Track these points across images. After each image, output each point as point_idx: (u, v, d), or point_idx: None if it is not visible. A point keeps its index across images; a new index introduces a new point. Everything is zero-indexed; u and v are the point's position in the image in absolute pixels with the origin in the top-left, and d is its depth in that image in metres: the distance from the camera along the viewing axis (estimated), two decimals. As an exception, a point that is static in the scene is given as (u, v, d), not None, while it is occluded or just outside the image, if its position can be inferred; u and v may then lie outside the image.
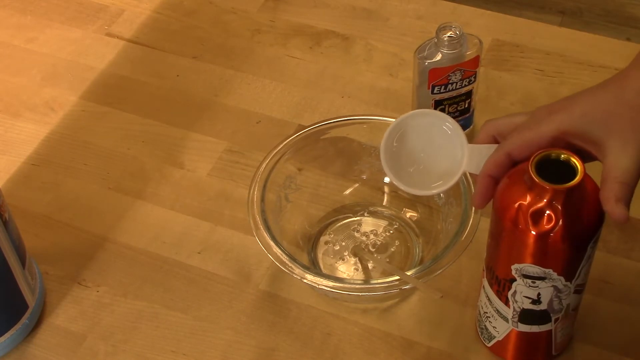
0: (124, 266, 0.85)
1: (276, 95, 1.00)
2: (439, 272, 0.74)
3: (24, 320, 0.78)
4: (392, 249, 0.84)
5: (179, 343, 0.79)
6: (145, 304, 0.82)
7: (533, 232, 0.63)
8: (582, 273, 0.66)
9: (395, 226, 0.86)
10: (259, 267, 0.84)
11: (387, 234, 0.85)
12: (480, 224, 0.76)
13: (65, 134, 0.98)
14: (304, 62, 1.04)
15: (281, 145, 0.83)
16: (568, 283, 0.66)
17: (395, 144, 0.70)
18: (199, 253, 0.86)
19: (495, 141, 0.68)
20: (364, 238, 0.85)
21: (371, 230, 0.85)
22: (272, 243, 0.76)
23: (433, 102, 0.89)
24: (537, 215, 0.62)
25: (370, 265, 0.83)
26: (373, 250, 0.84)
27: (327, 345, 0.78)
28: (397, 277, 0.75)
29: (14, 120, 1.00)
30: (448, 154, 0.69)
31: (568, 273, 0.66)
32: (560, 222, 0.62)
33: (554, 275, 0.65)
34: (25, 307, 0.79)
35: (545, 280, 0.66)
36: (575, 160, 0.62)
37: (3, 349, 0.78)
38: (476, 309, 0.76)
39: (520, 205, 0.63)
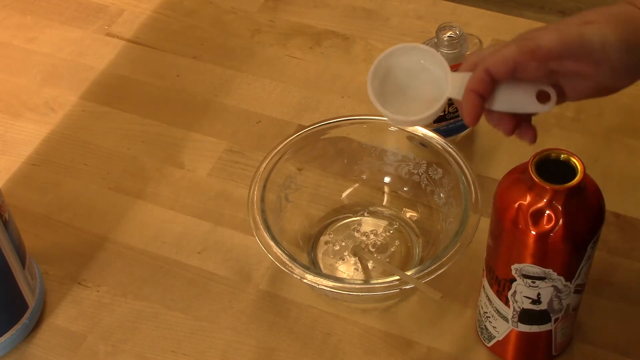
0: (124, 266, 0.85)
1: (276, 95, 1.00)
2: (439, 272, 0.74)
3: (24, 320, 0.78)
4: (392, 249, 0.84)
5: (179, 343, 0.79)
6: (145, 304, 0.82)
7: (533, 232, 0.63)
8: (582, 273, 0.66)
9: (395, 226, 0.86)
10: (259, 267, 0.84)
11: (387, 234, 0.85)
12: (480, 224, 0.76)
13: (65, 134, 0.98)
14: (304, 62, 1.04)
15: (281, 145, 0.83)
16: (568, 283, 0.66)
17: (380, 83, 0.68)
18: (199, 253, 0.86)
19: (491, 80, 0.65)
20: (364, 238, 0.85)
21: (371, 230, 0.85)
22: (272, 243, 0.76)
23: (433, 102, 0.89)
24: (537, 215, 0.62)
25: (370, 265, 0.83)
26: (373, 250, 0.84)
27: (327, 345, 0.78)
28: (397, 277, 0.75)
29: (14, 120, 1.00)
30: (433, 86, 0.67)
31: (568, 273, 0.66)
32: (560, 222, 0.62)
33: (554, 275, 0.65)
34: (25, 307, 0.79)
35: (545, 280, 0.66)
36: (576, 160, 0.62)
37: (3, 349, 0.78)
38: (476, 309, 0.76)
39: (520, 205, 0.63)
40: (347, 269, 0.83)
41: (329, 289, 0.74)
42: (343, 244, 0.84)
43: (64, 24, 1.11)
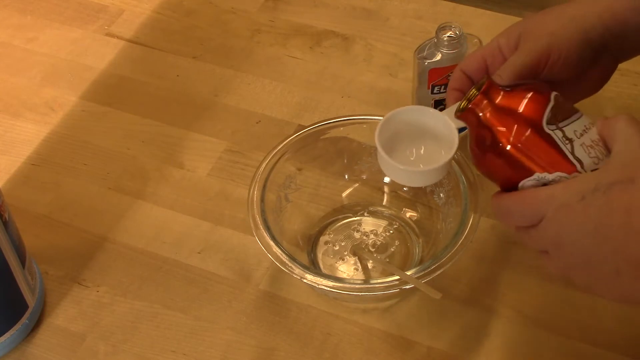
0: (124, 266, 0.85)
1: (276, 95, 1.00)
2: (438, 272, 0.74)
3: (24, 320, 0.79)
4: (392, 249, 0.84)
5: (179, 343, 0.79)
6: (145, 303, 0.82)
7: (490, 154, 0.63)
8: (576, 159, 0.62)
9: (395, 226, 0.86)
10: (259, 267, 0.84)
11: (387, 233, 0.85)
12: (480, 224, 0.76)
13: (65, 134, 0.98)
14: (304, 62, 1.04)
15: (281, 145, 0.83)
16: (563, 174, 0.62)
17: (388, 143, 0.71)
18: (198, 253, 0.86)
19: (467, 77, 0.72)
20: (364, 238, 0.85)
21: (371, 230, 0.85)
22: (272, 243, 0.76)
23: (433, 102, 0.89)
24: (485, 137, 0.63)
25: (370, 265, 0.83)
26: (373, 250, 0.84)
27: (327, 345, 0.78)
28: (397, 277, 0.75)
29: (14, 120, 1.00)
30: (438, 135, 0.70)
31: (554, 165, 0.62)
32: (500, 126, 0.62)
33: (547, 176, 0.62)
34: (25, 307, 0.79)
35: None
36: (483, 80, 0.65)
37: (3, 349, 0.78)
38: None
39: (474, 139, 0.64)
40: (347, 269, 0.83)
41: (329, 289, 0.74)
42: (343, 244, 0.84)
43: (64, 24, 1.11)
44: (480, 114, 0.64)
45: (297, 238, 0.84)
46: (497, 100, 0.63)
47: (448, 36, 0.85)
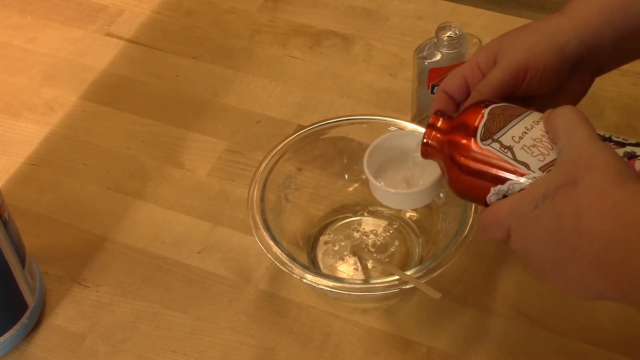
0: (124, 266, 0.85)
1: (276, 95, 1.00)
2: (438, 271, 0.74)
3: (24, 320, 0.79)
4: (392, 249, 0.84)
5: (179, 343, 0.79)
6: (145, 303, 0.82)
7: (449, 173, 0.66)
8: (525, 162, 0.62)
9: (395, 226, 0.86)
10: (259, 267, 0.84)
11: (387, 233, 0.85)
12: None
13: (65, 134, 0.98)
14: (303, 62, 1.04)
15: (281, 145, 0.83)
16: (521, 178, 0.62)
17: (378, 173, 0.75)
18: (198, 253, 0.86)
19: (449, 97, 0.73)
20: (364, 238, 0.85)
21: (371, 230, 0.85)
22: (271, 243, 0.76)
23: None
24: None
25: (369, 265, 0.83)
26: (373, 250, 0.84)
27: (327, 345, 0.78)
28: (397, 277, 0.75)
29: (14, 120, 1.00)
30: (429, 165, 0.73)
31: (502, 175, 0.62)
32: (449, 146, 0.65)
33: (502, 187, 0.63)
34: (25, 307, 0.79)
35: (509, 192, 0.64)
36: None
37: (3, 349, 0.78)
38: None
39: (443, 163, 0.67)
40: (347, 269, 0.83)
41: (329, 289, 0.74)
42: (343, 244, 0.84)
43: (64, 24, 1.11)
44: (433, 146, 0.68)
45: (297, 238, 0.84)
46: (441, 130, 0.67)
47: (448, 36, 0.85)
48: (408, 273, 0.74)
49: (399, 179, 0.75)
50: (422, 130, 0.73)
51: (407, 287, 0.74)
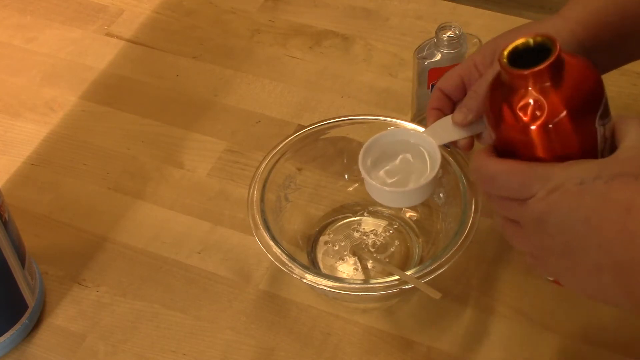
0: (124, 266, 0.85)
1: (276, 95, 1.00)
2: (438, 272, 0.74)
3: (24, 320, 0.79)
4: (392, 249, 0.84)
5: (179, 343, 0.79)
6: (145, 303, 0.82)
7: (532, 127, 0.57)
8: (603, 157, 0.59)
9: (395, 226, 0.86)
10: (259, 267, 0.84)
11: (387, 233, 0.85)
12: (480, 224, 0.76)
13: (65, 134, 0.98)
14: (303, 62, 1.04)
15: (281, 145, 0.83)
16: None
17: (373, 166, 0.74)
18: (198, 253, 0.86)
19: (445, 96, 0.73)
20: (363, 238, 0.85)
21: (371, 230, 0.85)
22: (271, 243, 0.76)
23: (433, 102, 0.89)
24: (527, 108, 0.57)
25: (369, 265, 0.83)
26: (373, 250, 0.84)
27: (327, 345, 0.78)
28: (397, 277, 0.75)
29: (14, 120, 1.00)
30: (421, 154, 0.73)
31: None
32: (552, 106, 0.57)
33: None
34: (25, 307, 0.79)
35: None
36: (549, 40, 0.58)
37: (3, 349, 0.78)
38: None
39: (507, 104, 0.58)
40: (347, 269, 0.83)
41: (328, 289, 0.74)
42: (343, 244, 0.84)
43: (64, 24, 1.11)
44: (552, 76, 0.57)
45: (297, 238, 0.84)
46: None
47: (448, 36, 0.85)
48: (408, 273, 0.74)
49: (394, 176, 0.75)
50: (421, 129, 0.74)
51: (407, 287, 0.74)
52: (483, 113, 0.64)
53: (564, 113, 0.57)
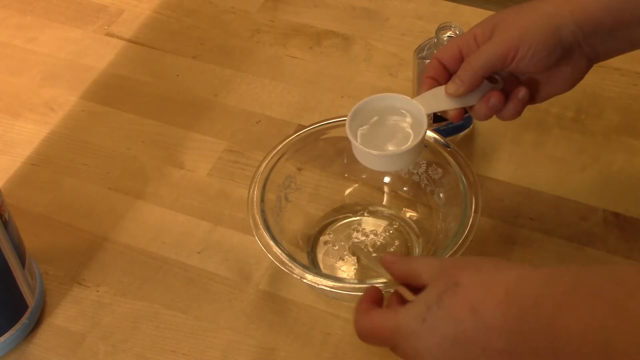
0: (124, 266, 0.85)
1: (276, 95, 1.00)
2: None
3: (24, 320, 0.79)
4: (392, 249, 0.84)
5: (179, 343, 0.79)
6: (145, 303, 0.82)
7: None
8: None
9: (395, 226, 0.86)
10: (259, 267, 0.84)
11: (387, 233, 0.85)
12: (480, 224, 0.76)
13: (65, 134, 0.98)
14: (303, 62, 1.04)
15: (281, 145, 0.83)
16: None
17: (360, 135, 0.75)
18: (198, 253, 0.86)
19: (442, 66, 0.74)
20: (363, 238, 0.85)
21: (371, 230, 0.85)
22: (271, 243, 0.76)
23: (433, 102, 0.89)
24: None
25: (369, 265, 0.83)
26: (373, 250, 0.84)
27: (327, 345, 0.78)
28: (397, 277, 0.75)
29: (14, 120, 1.00)
30: (409, 120, 0.75)
31: None
32: None
33: None
34: (25, 307, 0.79)
35: None
36: None
37: (3, 349, 0.78)
38: None
39: None
40: (347, 269, 0.83)
41: (328, 288, 0.74)
42: (343, 244, 0.84)
43: (64, 24, 1.11)
44: None
45: (297, 238, 0.84)
46: None
47: (448, 36, 0.85)
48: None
49: (381, 140, 0.75)
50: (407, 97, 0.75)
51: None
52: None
53: None
